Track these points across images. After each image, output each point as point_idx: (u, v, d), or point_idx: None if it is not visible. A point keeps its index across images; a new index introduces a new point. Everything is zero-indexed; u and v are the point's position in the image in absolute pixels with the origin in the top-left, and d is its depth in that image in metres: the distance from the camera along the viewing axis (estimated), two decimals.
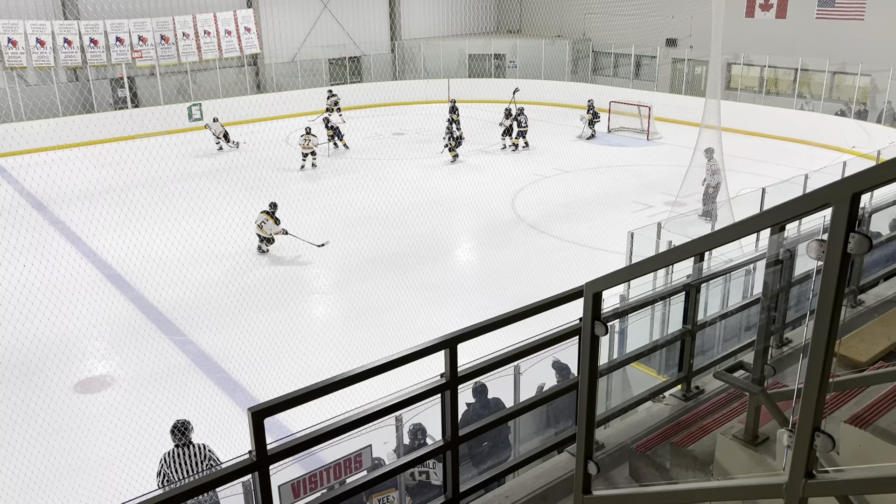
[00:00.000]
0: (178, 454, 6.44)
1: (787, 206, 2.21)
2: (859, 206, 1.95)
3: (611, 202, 17.99)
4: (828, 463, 2.25)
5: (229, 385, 10.41)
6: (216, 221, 15.62)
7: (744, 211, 11.50)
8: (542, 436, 6.12)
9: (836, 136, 22.76)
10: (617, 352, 6.81)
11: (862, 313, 5.62)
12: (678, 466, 3.78)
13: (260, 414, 3.01)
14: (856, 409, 3.35)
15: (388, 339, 10.62)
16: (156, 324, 12.20)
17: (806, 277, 5.02)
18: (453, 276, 14.28)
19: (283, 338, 11.38)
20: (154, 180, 19.30)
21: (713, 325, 5.21)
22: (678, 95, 28.05)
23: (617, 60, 31.99)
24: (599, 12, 31.22)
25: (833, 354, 2.09)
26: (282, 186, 19.48)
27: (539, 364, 6.54)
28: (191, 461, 6.40)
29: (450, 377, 3.58)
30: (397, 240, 15.66)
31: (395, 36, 33.90)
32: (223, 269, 14.16)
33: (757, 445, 3.31)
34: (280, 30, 30.08)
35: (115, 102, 26.98)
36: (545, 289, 4.57)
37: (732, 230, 2.49)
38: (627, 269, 3.72)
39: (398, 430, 6.11)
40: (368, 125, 27.83)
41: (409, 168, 21.60)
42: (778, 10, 26.80)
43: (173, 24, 26.70)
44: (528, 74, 32.27)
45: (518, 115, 23.57)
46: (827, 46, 24.83)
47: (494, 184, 19.35)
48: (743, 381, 3.44)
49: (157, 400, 9.51)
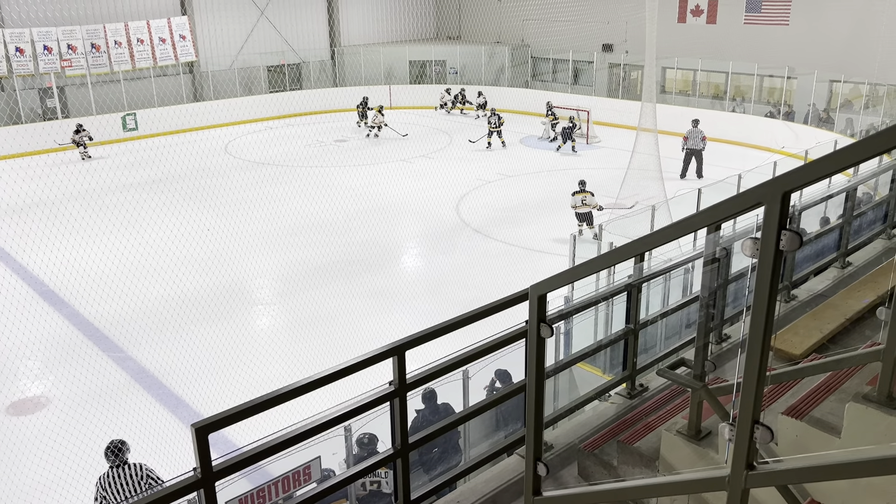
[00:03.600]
0: (114, 476, 6.23)
1: (721, 205, 2.27)
2: (790, 204, 2.02)
3: (553, 205, 18.22)
4: (767, 454, 2.32)
5: (171, 401, 10.14)
6: (154, 233, 15.26)
7: (681, 211, 11.82)
8: (491, 439, 6.14)
9: (767, 137, 23.60)
10: (563, 353, 6.89)
11: (795, 308, 5.82)
12: (625, 464, 3.85)
13: (204, 429, 2.94)
14: (792, 400, 3.47)
15: (335, 348, 10.54)
16: (92, 340, 11.80)
17: (741, 275, 5.19)
18: (400, 283, 14.24)
19: (226, 351, 11.15)
20: (87, 193, 18.69)
21: (655, 324, 5.32)
22: (615, 99, 28.64)
23: (555, 66, 32.50)
24: (537, 18, 31.67)
25: (769, 348, 2.15)
26: (221, 196, 19.13)
27: (487, 368, 6.57)
28: (128, 483, 6.19)
29: (398, 385, 3.56)
30: (342, 247, 15.54)
31: (334, 42, 33.69)
32: (162, 281, 13.78)
33: (700, 440, 3.39)
34: (216, 37, 29.53)
35: (44, 113, 26.05)
36: (491, 293, 4.60)
37: (670, 230, 2.55)
38: (571, 271, 3.78)
39: (347, 440, 6.05)
40: (309, 132, 27.57)
41: (352, 175, 21.48)
42: (708, 16, 27.65)
43: (104, 31, 25.94)
44: (469, 80, 32.51)
45: (490, 115, 24.87)
46: (755, 50, 25.75)
47: (438, 189, 19.40)
48: (685, 377, 3.52)
49: (96, 420, 9.19)
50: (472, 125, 28.16)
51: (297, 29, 31.88)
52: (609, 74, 30.61)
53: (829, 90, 24.50)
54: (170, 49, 27.67)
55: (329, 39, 33.65)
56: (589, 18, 29.49)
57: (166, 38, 27.54)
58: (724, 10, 27.21)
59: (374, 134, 26.47)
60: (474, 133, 25.83)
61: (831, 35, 23.53)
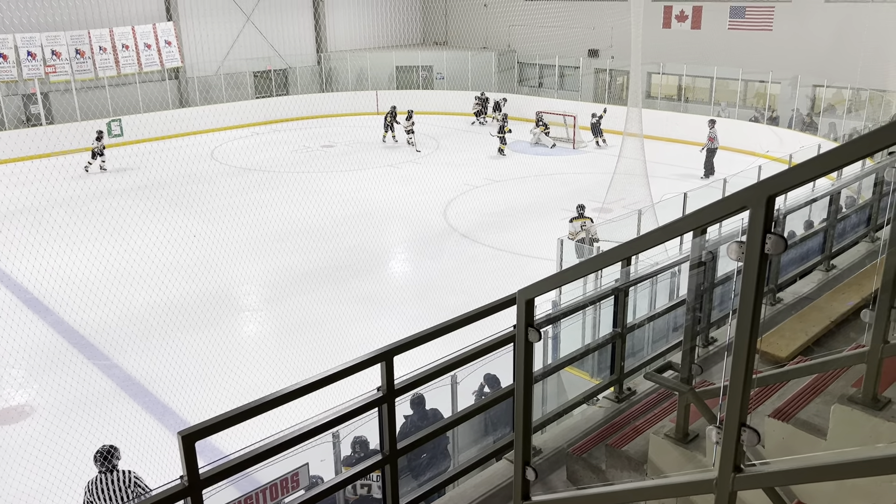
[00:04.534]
0: (102, 481, 6.19)
1: (706, 209, 2.29)
2: (774, 208, 2.03)
3: (540, 210, 18.28)
4: (754, 456, 2.33)
5: (158, 409, 10.06)
6: (139, 240, 15.16)
7: (667, 215, 11.88)
8: (480, 444, 6.13)
9: (752, 142, 23.81)
10: (551, 357, 6.90)
11: (781, 310, 5.86)
12: (614, 467, 3.85)
13: (191, 437, 2.92)
14: (778, 402, 3.49)
15: (323, 354, 10.49)
16: (78, 348, 11.70)
17: (727, 278, 5.22)
18: (388, 288, 14.22)
19: (213, 358, 11.09)
20: (72, 199, 18.55)
21: (642, 328, 5.34)
22: (602, 105, 28.79)
23: (542, 71, 32.62)
24: (523, 24, 31.81)
25: (755, 351, 2.16)
26: (208, 202, 19.04)
27: (476, 373, 6.57)
28: (115, 488, 6.15)
29: (386, 390, 3.55)
30: (329, 253, 15.50)
31: (321, 48, 33.65)
32: (148, 288, 13.69)
33: (688, 443, 3.40)
34: (202, 43, 29.43)
35: (28, 119, 25.84)
36: (479, 297, 4.60)
37: (657, 234, 2.56)
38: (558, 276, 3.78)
39: (336, 446, 6.03)
40: (296, 138, 27.51)
41: (339, 180, 21.44)
42: (693, 21, 27.87)
43: (89, 37, 25.78)
44: (456, 86, 32.57)
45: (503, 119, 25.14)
46: (739, 56, 25.97)
47: (426, 194, 19.40)
48: (672, 380, 3.53)
49: (82, 428, 9.10)
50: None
51: (284, 34, 31.83)
52: (595, 80, 30.75)
53: (812, 95, 24.74)
54: (155, 55, 27.54)
55: (316, 45, 33.62)
56: (575, 24, 29.65)
57: (151, 44, 27.41)
58: (708, 15, 27.44)
59: (411, 141, 25.38)
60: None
61: (814, 41, 23.78)
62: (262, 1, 31.22)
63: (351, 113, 31.14)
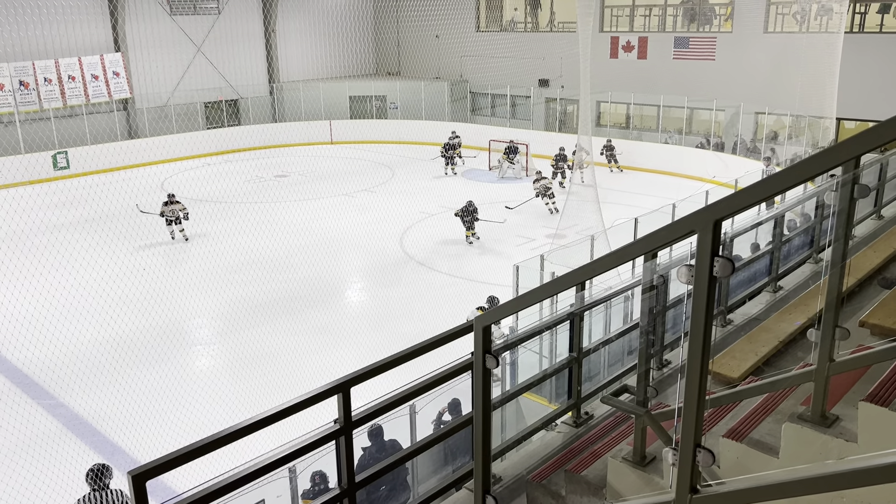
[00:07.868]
0: (95, 499, 6.12)
1: (656, 234, 2.34)
2: (721, 231, 2.09)
3: (495, 237, 18.41)
4: (710, 477, 2.36)
5: (107, 448, 9.72)
6: (86, 274, 14.76)
7: (619, 240, 12.06)
8: (440, 474, 6.07)
9: (698, 167, 24.45)
10: (509, 383, 6.89)
11: (731, 332, 5.98)
12: (573, 493, 3.85)
13: (141, 477, 2.83)
14: (732, 423, 3.55)
15: (278, 387, 10.31)
16: (21, 388, 11.27)
17: (679, 301, 5.31)
18: (344, 318, 14.08)
19: (163, 394, 10.79)
20: (15, 234, 17.98)
21: (597, 352, 5.38)
22: (553, 133, 29.27)
23: (493, 100, 33.08)
24: (475, 55, 32.28)
25: (707, 372, 2.20)
26: (156, 234, 18.66)
27: (435, 402, 6.52)
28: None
29: (344, 422, 3.50)
30: (284, 283, 15.31)
31: (272, 78, 33.56)
32: (95, 324, 13.28)
33: (645, 466, 3.43)
34: (152, 73, 29.07)
35: None
36: (437, 325, 4.59)
37: (609, 259, 2.60)
38: (514, 302, 3.80)
39: (292, 481, 5.90)
40: (249, 168, 27.27)
41: (293, 210, 21.27)
42: (639, 52, 28.66)
43: (33, 68, 25.26)
44: (409, 115, 32.78)
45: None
46: (685, 84, 26.76)
47: (382, 223, 19.38)
48: (628, 403, 3.56)
49: (25, 471, 8.74)
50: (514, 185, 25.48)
51: (235, 65, 31.67)
52: (546, 109, 31.30)
53: (755, 122, 25.58)
54: (103, 86, 27.10)
55: (268, 75, 33.52)
56: (525, 55, 30.21)
57: (99, 75, 26.97)
58: (653, 46, 28.25)
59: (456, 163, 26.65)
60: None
61: (755, 70, 24.63)
62: (212, 31, 31.06)
63: (304, 143, 31.03)
